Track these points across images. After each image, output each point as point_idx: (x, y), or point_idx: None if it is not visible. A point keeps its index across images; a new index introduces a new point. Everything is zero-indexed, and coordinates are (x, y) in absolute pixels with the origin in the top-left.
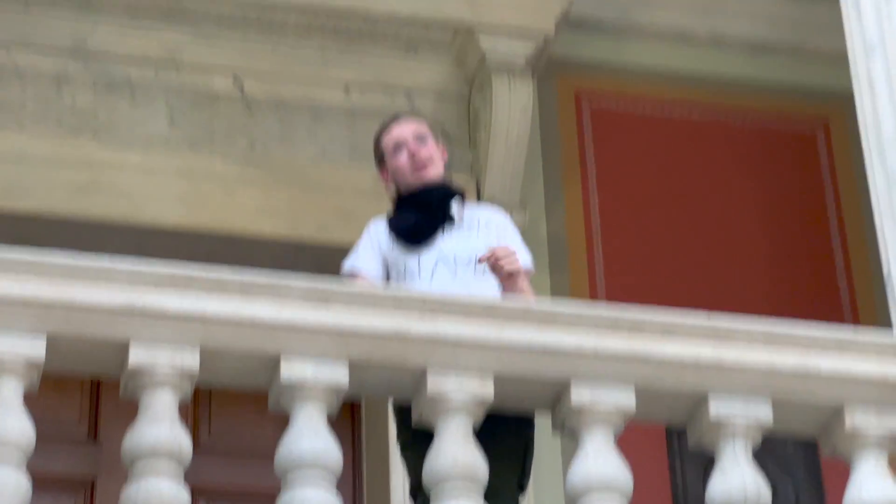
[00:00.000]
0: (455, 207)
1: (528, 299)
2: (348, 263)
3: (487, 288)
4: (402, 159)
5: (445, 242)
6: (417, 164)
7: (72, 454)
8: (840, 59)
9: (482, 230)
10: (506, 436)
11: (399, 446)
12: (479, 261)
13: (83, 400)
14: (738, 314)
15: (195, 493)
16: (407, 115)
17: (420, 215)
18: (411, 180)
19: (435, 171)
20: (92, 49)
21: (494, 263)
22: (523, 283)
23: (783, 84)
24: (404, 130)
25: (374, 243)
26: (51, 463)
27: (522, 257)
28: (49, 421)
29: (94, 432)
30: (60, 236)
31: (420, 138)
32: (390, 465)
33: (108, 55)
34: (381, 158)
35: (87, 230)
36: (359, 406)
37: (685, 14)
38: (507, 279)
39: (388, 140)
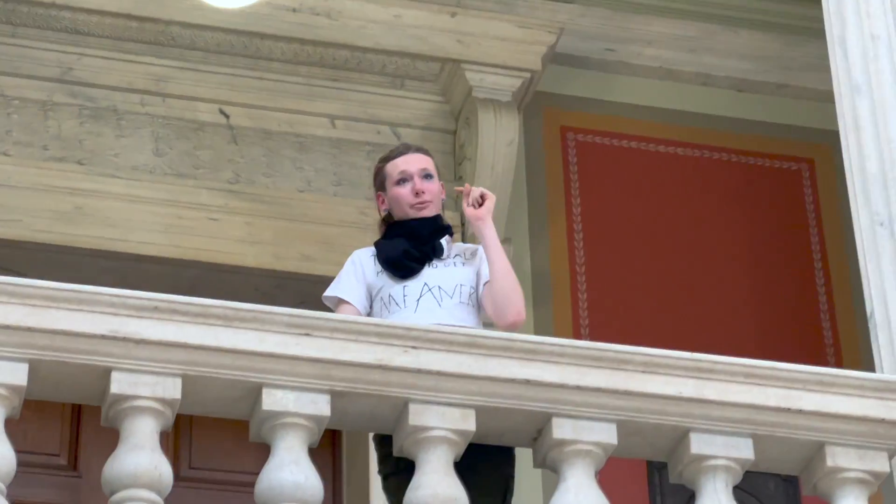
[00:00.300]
0: (444, 242)
1: (502, 251)
2: (331, 291)
3: (471, 320)
4: (405, 191)
5: (431, 273)
6: (418, 201)
7: (52, 482)
8: (826, 99)
9: (467, 263)
10: (487, 470)
11: (381, 477)
12: (457, 190)
13: (64, 428)
14: (721, 351)
15: None
16: (416, 149)
17: (410, 245)
18: (409, 213)
19: (433, 210)
20: (78, 77)
21: (470, 191)
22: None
23: (769, 122)
24: (412, 164)
25: (358, 272)
26: (30, 491)
27: None
28: (29, 448)
29: (74, 460)
30: (44, 263)
31: (426, 176)
32: (371, 495)
33: (94, 84)
34: (381, 184)
35: (71, 257)
36: (339, 435)
37: (672, 51)
38: (480, 215)
39: (394, 169)
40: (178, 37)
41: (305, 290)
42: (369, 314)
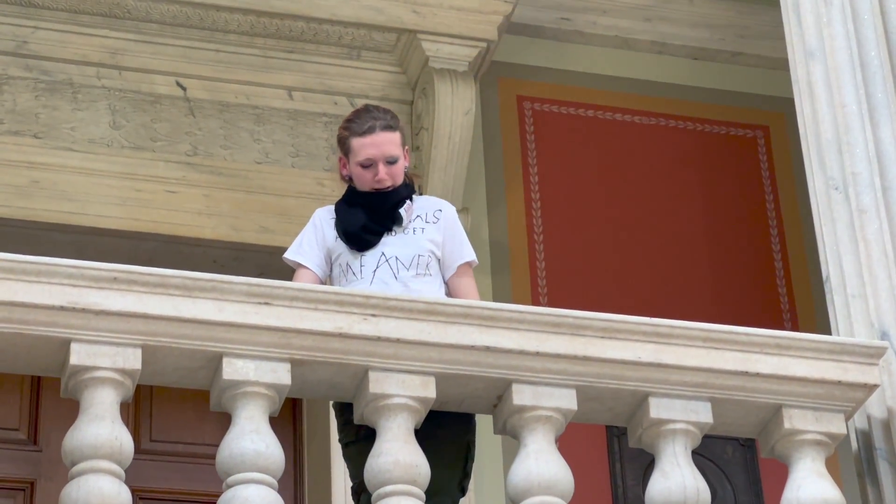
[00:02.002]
0: (403, 212)
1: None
2: (291, 255)
3: (428, 289)
4: (368, 175)
5: (389, 243)
6: (379, 187)
7: (11, 456)
8: (780, 66)
9: (428, 228)
10: (447, 437)
11: (341, 445)
12: None
13: (23, 403)
14: (678, 317)
15: (136, 496)
16: (383, 126)
17: (368, 218)
18: (369, 188)
19: (393, 187)
20: (33, 51)
21: None
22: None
23: (724, 90)
24: (378, 150)
25: (318, 236)
26: None
27: (466, 251)
28: None
29: (34, 434)
30: (1, 237)
31: (390, 161)
32: (332, 463)
33: (49, 57)
34: (345, 151)
35: (29, 231)
36: (300, 404)
37: (627, 20)
38: None
39: (360, 149)
40: (133, 9)
41: (264, 262)
42: (329, 276)
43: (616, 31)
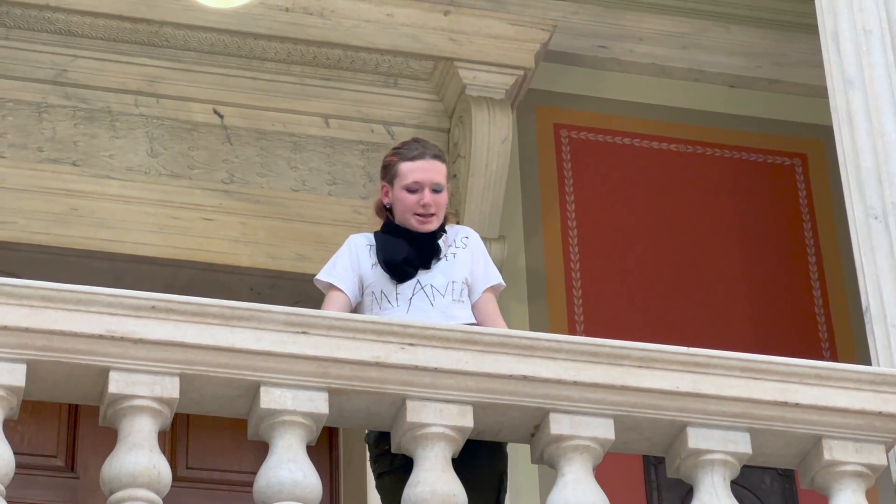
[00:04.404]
0: (442, 243)
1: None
2: (324, 276)
3: (464, 315)
4: (412, 200)
5: (423, 272)
6: (424, 214)
7: (49, 484)
8: (817, 94)
9: (459, 254)
10: (481, 466)
11: (375, 475)
12: None
13: (61, 430)
14: (716, 346)
15: None
16: (433, 155)
17: (411, 251)
18: (409, 222)
19: (436, 223)
20: (72, 79)
21: None
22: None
23: (761, 118)
24: (426, 175)
25: (353, 260)
26: (28, 493)
27: (492, 275)
28: (27, 451)
29: (71, 462)
30: (40, 265)
31: (437, 190)
32: (368, 491)
33: (88, 85)
34: (390, 178)
35: (67, 259)
36: (337, 432)
37: (664, 48)
38: None
39: (408, 173)
40: (171, 37)
41: (300, 290)
42: (360, 301)
43: (653, 59)
